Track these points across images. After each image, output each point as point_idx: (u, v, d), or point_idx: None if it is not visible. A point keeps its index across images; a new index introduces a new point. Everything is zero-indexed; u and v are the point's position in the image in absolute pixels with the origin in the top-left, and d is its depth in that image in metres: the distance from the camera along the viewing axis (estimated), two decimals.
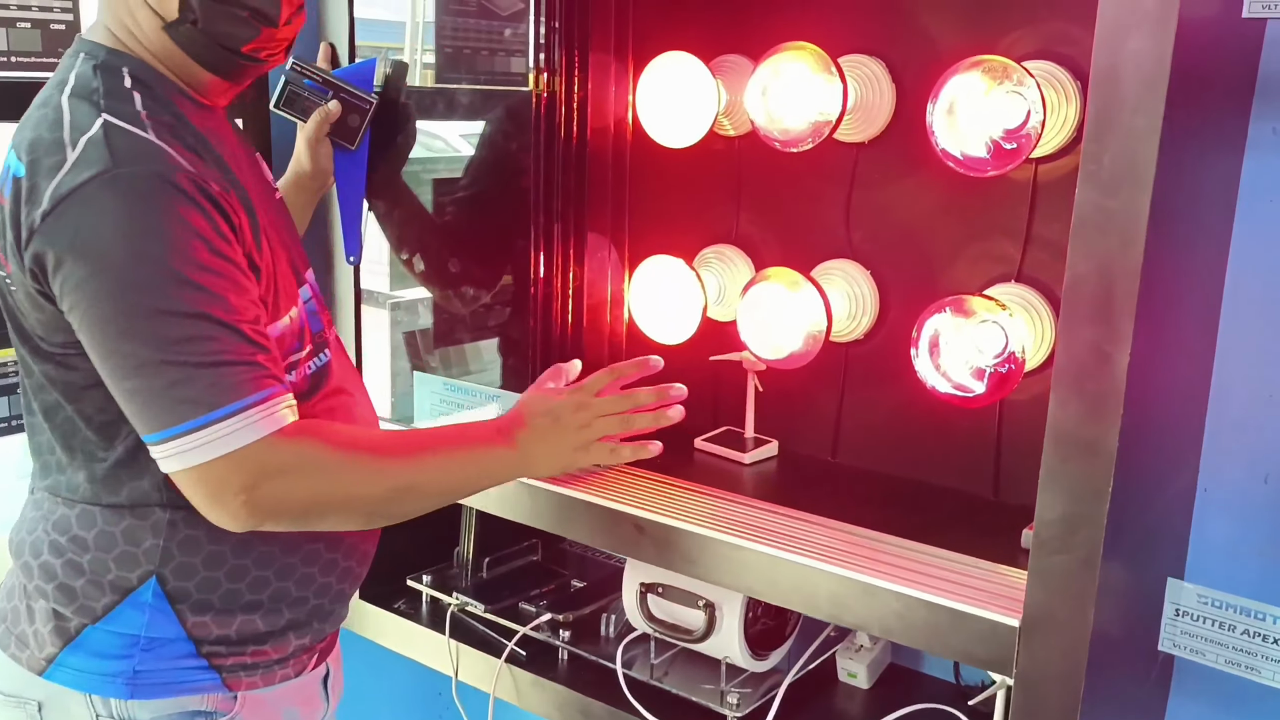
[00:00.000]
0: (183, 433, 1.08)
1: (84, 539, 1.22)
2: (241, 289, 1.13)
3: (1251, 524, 1.43)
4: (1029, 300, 1.54)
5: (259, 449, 1.10)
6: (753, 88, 1.58)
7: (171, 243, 1.08)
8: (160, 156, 1.10)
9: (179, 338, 1.07)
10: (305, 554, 1.29)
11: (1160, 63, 1.08)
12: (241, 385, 1.09)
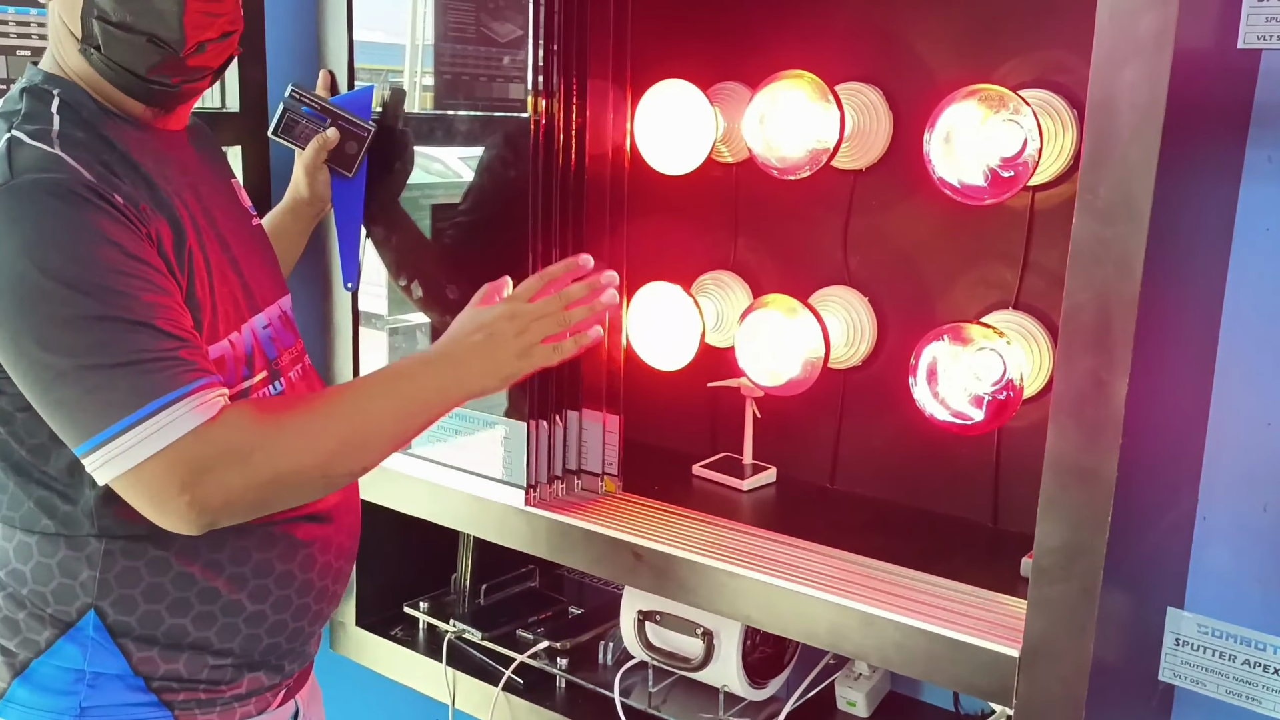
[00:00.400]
0: (110, 437, 1.04)
1: (21, 572, 1.20)
2: (157, 289, 1.10)
3: (1251, 552, 1.42)
4: (1026, 327, 1.54)
5: (190, 442, 1.05)
6: (750, 115, 1.58)
7: (74, 249, 1.06)
8: (59, 166, 1.09)
9: (93, 342, 1.05)
10: (253, 590, 1.25)
11: (1156, 94, 1.09)
12: (164, 381, 1.05)
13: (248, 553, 1.23)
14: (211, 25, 1.20)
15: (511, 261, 1.63)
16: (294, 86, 1.61)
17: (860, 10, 1.67)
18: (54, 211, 1.06)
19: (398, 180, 1.72)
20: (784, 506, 1.72)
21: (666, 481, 1.77)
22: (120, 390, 1.04)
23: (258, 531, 1.24)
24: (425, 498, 1.76)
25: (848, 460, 1.78)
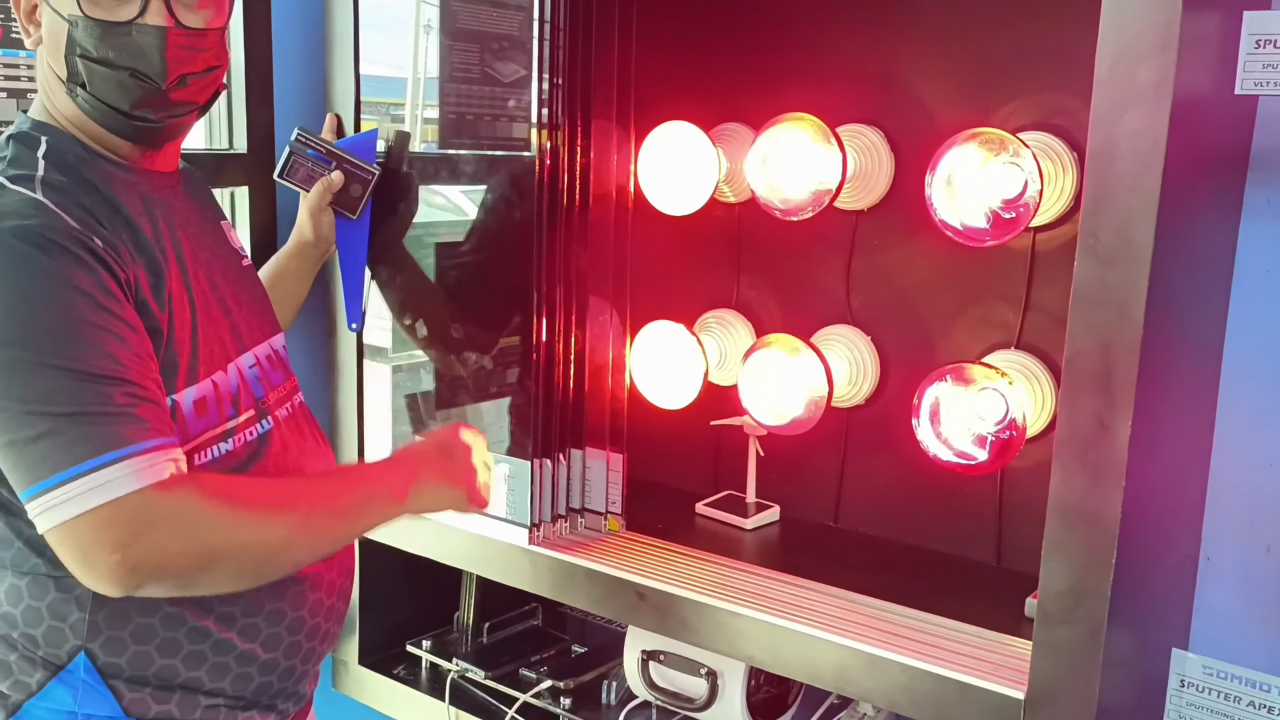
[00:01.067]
0: (50, 487, 1.03)
1: (12, 615, 1.19)
2: (125, 343, 1.10)
3: (1255, 593, 1.42)
4: (1029, 367, 1.54)
5: (134, 502, 1.03)
6: (753, 157, 1.60)
7: (43, 297, 1.06)
8: (39, 212, 1.09)
9: (48, 390, 1.04)
10: (243, 628, 1.24)
11: (1156, 141, 1.10)
12: (112, 437, 1.04)
13: (240, 592, 1.22)
14: (194, 59, 1.21)
15: (515, 301, 1.64)
16: (300, 130, 1.63)
17: (861, 53, 1.69)
18: (26, 258, 1.07)
19: (402, 221, 1.73)
20: (787, 545, 1.72)
21: (670, 519, 1.77)
22: (66, 441, 1.03)
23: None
24: (428, 536, 1.76)
25: (851, 499, 1.78)
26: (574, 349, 1.69)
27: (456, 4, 1.68)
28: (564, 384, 1.68)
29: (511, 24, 1.61)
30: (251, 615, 1.25)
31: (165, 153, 1.30)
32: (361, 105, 1.79)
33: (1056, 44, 1.48)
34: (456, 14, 1.68)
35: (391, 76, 1.79)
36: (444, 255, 1.77)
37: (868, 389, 1.71)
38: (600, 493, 1.72)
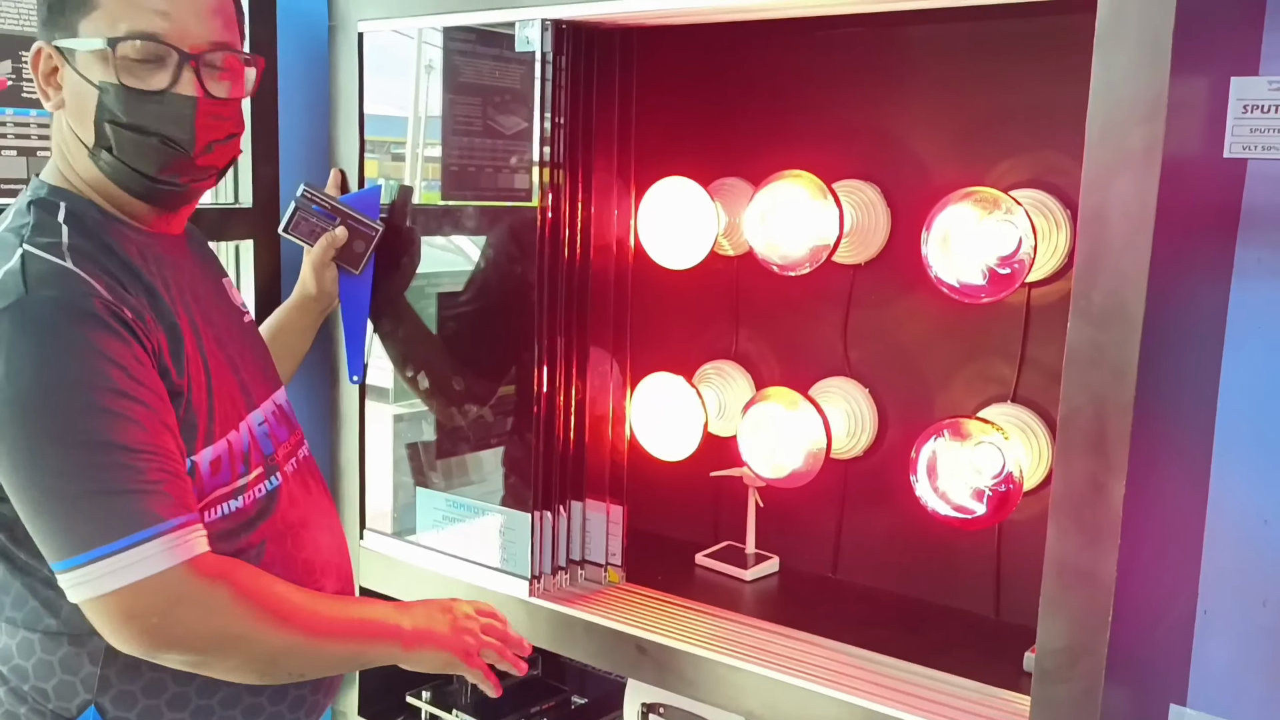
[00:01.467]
0: (87, 561, 1.07)
1: (24, 668, 1.21)
2: (154, 415, 1.13)
3: (1252, 648, 1.43)
4: (1025, 421, 1.56)
5: (165, 579, 1.09)
6: (751, 213, 1.62)
7: (82, 370, 1.09)
8: (73, 282, 1.12)
9: (86, 463, 1.08)
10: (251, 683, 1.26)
11: (1146, 204, 1.12)
12: (148, 514, 1.08)
13: (242, 682, 1.24)
14: (219, 127, 1.25)
15: (516, 352, 1.66)
16: (306, 185, 1.65)
17: (859, 110, 1.72)
18: (64, 330, 1.09)
19: (405, 274, 1.75)
20: (787, 597, 1.73)
21: (670, 570, 1.78)
22: (100, 516, 1.07)
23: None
24: (429, 586, 1.77)
25: (850, 550, 1.79)
26: (574, 400, 1.70)
27: (459, 58, 1.71)
28: (564, 435, 1.70)
29: (513, 77, 1.64)
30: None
31: (180, 216, 1.33)
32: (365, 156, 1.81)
33: (1049, 103, 1.51)
34: (459, 67, 1.71)
35: (393, 116, 1.81)
36: (446, 306, 1.78)
37: (866, 441, 1.72)
38: (600, 544, 1.72)
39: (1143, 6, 1.10)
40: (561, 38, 1.59)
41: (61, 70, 1.20)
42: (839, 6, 1.41)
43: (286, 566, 1.29)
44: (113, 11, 1.17)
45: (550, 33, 1.58)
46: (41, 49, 1.20)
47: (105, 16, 1.17)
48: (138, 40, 1.17)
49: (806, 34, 1.72)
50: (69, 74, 1.20)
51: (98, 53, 1.18)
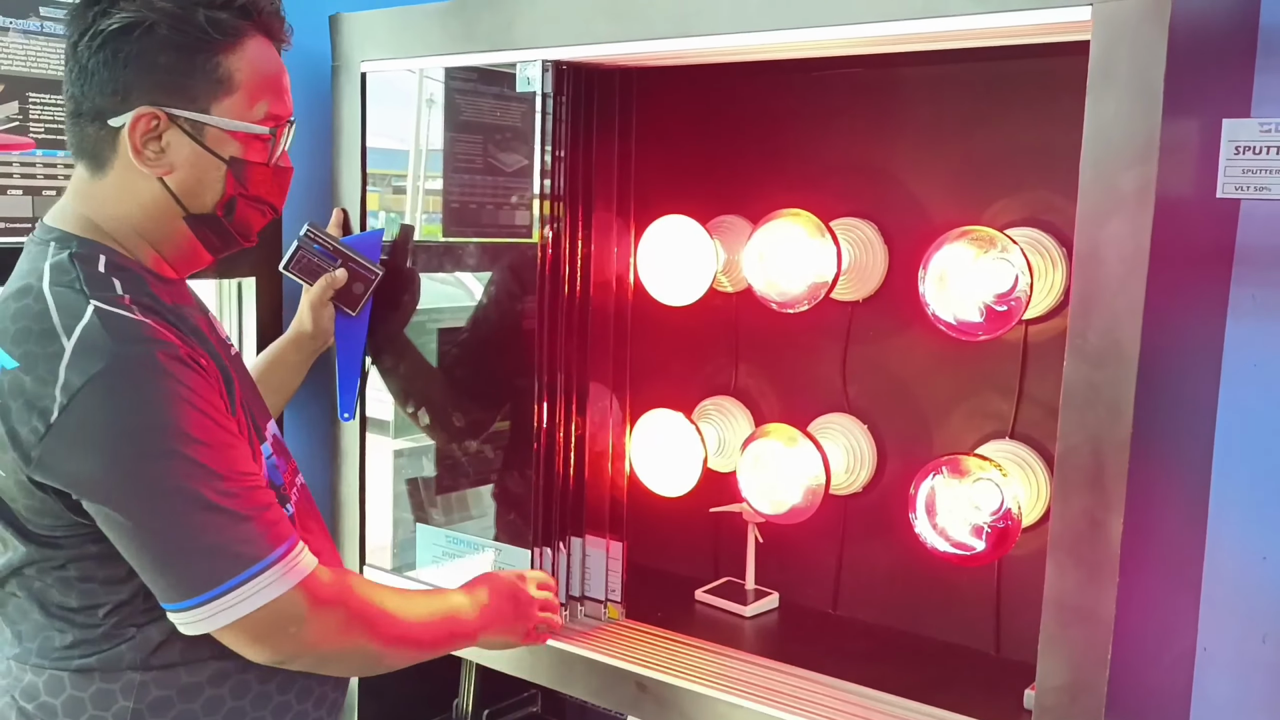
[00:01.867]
0: (210, 599, 1.13)
1: (52, 705, 1.21)
2: (243, 450, 1.19)
3: (1253, 684, 1.43)
4: (1023, 457, 1.56)
5: (286, 602, 1.17)
6: (750, 252, 1.63)
7: (180, 418, 1.13)
8: (154, 336, 1.15)
9: (199, 508, 1.12)
10: (275, 707, 1.29)
11: (1140, 244, 1.13)
12: (262, 543, 1.15)
13: (273, 670, 1.27)
14: None
15: (516, 388, 1.67)
16: (309, 225, 1.67)
17: (855, 149, 1.73)
18: (158, 382, 1.13)
19: (405, 312, 1.76)
20: (786, 633, 1.73)
21: (669, 606, 1.78)
22: (216, 556, 1.13)
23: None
24: None
25: (850, 586, 1.79)
26: (574, 436, 1.71)
27: (460, 96, 1.73)
28: (564, 471, 1.70)
29: (514, 116, 1.66)
30: (284, 693, 1.30)
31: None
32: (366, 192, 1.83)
33: (1044, 143, 1.53)
34: (460, 105, 1.73)
35: (394, 149, 1.83)
36: (446, 342, 1.79)
37: (865, 477, 1.73)
38: (600, 580, 1.72)
39: (1134, 49, 1.12)
40: (562, 78, 1.61)
41: (170, 138, 1.21)
42: (835, 48, 1.43)
43: None
44: (251, 94, 1.23)
45: (551, 73, 1.60)
46: (149, 114, 1.19)
47: (246, 98, 1.23)
48: (276, 124, 1.25)
49: (804, 74, 1.75)
50: (186, 144, 1.21)
51: (234, 131, 1.22)
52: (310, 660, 1.24)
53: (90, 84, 1.20)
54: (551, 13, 1.56)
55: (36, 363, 1.11)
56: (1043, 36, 1.28)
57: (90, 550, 1.17)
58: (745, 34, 1.39)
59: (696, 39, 1.44)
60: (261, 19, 1.24)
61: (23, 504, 1.16)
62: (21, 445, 1.12)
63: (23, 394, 1.11)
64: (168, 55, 1.19)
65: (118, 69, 1.19)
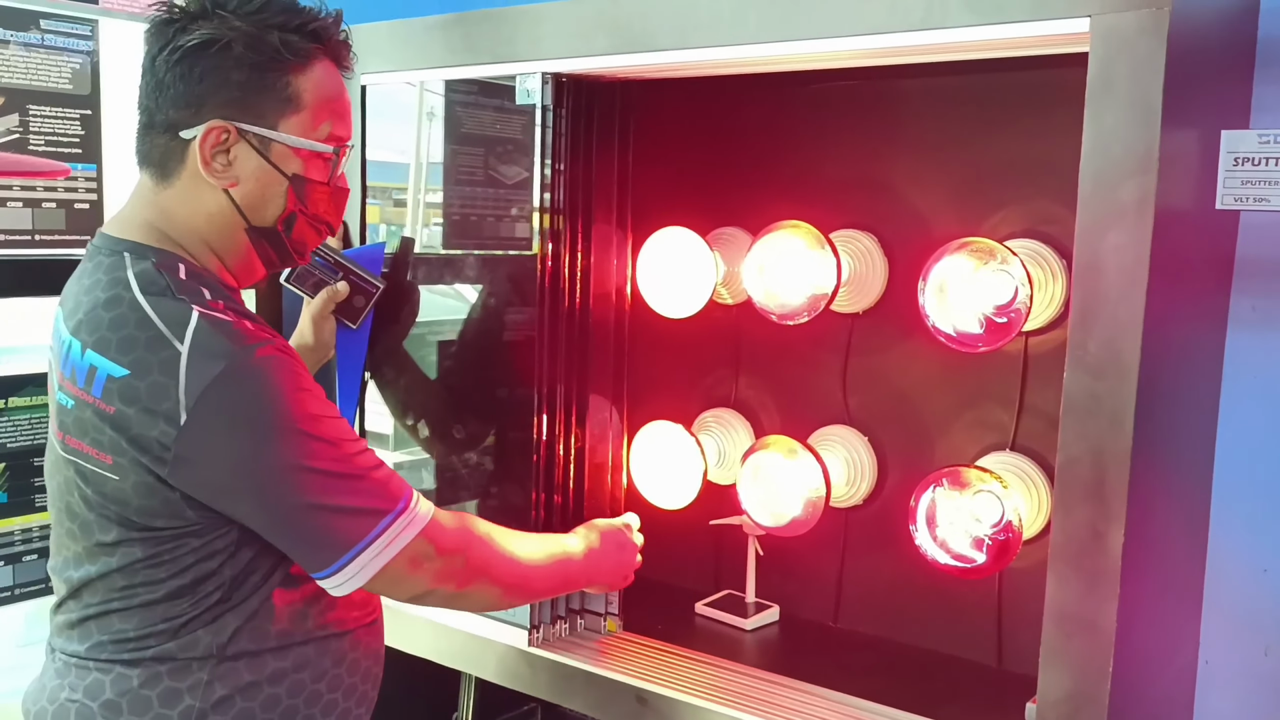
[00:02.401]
0: (351, 559, 1.21)
1: (117, 704, 1.24)
2: (345, 422, 1.27)
3: (1254, 697, 1.42)
4: (1024, 469, 1.56)
5: (416, 548, 1.25)
6: (750, 264, 1.63)
7: (295, 404, 1.20)
8: (258, 336, 1.21)
9: (326, 480, 1.20)
10: (325, 705, 1.34)
11: (1140, 255, 1.13)
12: (385, 495, 1.24)
13: (324, 668, 1.33)
14: None
15: (516, 400, 1.66)
16: None
17: (855, 161, 1.74)
18: (273, 374, 1.20)
19: (405, 325, 1.76)
20: (787, 646, 1.72)
21: (670, 619, 1.77)
22: (351, 520, 1.22)
23: (332, 646, 1.34)
24: (427, 636, 1.76)
25: (850, 599, 1.78)
26: (574, 449, 1.71)
27: (460, 109, 1.73)
28: (564, 483, 1.70)
29: (514, 128, 1.66)
30: (333, 691, 1.34)
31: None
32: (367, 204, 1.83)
33: (1043, 154, 1.53)
34: (460, 117, 1.74)
35: (395, 162, 1.83)
36: (446, 354, 1.79)
37: (866, 489, 1.72)
38: (599, 594, 1.72)
39: (1133, 61, 1.12)
40: (561, 90, 1.61)
41: (238, 151, 1.26)
42: (835, 60, 1.43)
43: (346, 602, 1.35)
44: (316, 114, 1.28)
45: (550, 86, 1.60)
46: (219, 127, 1.25)
47: (311, 118, 1.28)
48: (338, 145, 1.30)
49: (804, 87, 1.75)
50: (252, 158, 1.27)
51: (298, 148, 1.28)
52: (441, 598, 1.33)
53: (165, 97, 1.25)
54: (552, 25, 1.56)
55: (150, 369, 1.17)
56: (1041, 49, 1.28)
57: (191, 545, 1.23)
58: (745, 46, 1.40)
59: (696, 51, 1.44)
60: (331, 44, 1.31)
61: (136, 505, 1.21)
62: (153, 450, 1.17)
63: (139, 400, 1.17)
64: (241, 72, 1.24)
65: (193, 83, 1.24)
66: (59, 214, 1.65)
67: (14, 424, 1.71)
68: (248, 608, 1.26)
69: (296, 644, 1.30)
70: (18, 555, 1.71)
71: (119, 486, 1.20)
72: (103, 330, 1.21)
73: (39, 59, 1.63)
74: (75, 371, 1.22)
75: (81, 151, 1.71)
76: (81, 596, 1.28)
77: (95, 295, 1.24)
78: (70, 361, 1.23)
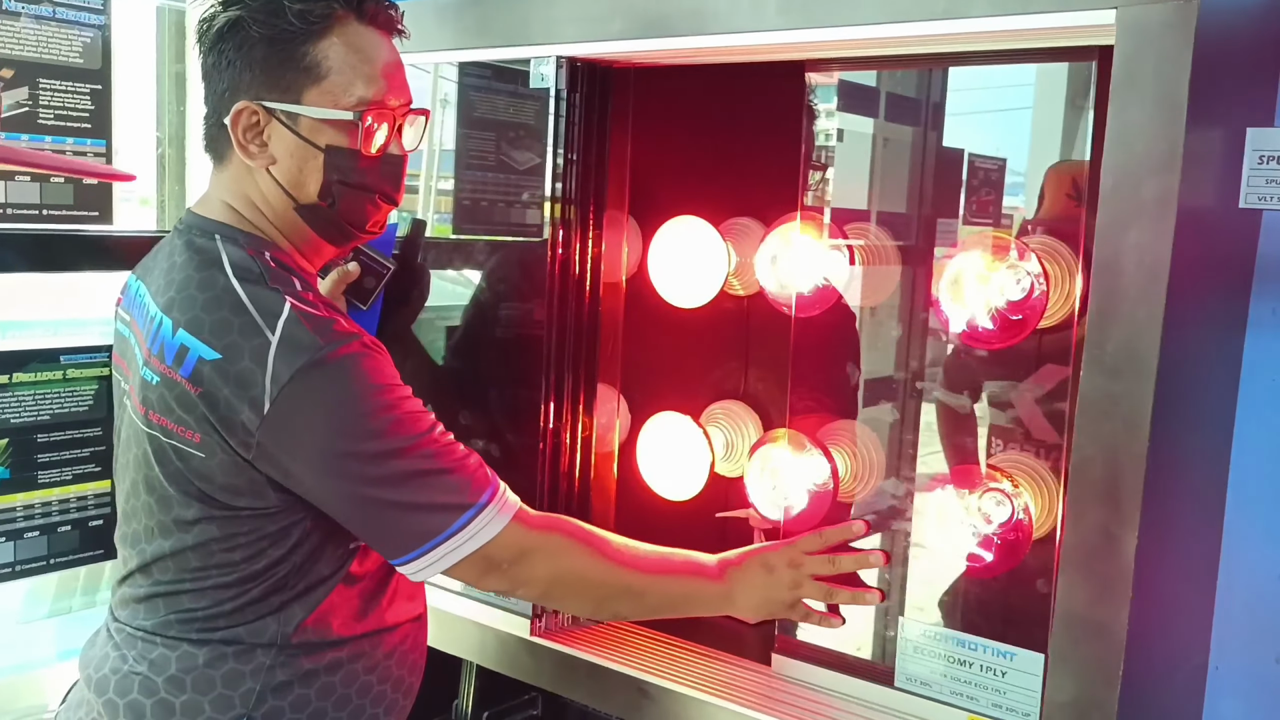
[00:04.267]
0: (435, 546, 1.22)
1: (182, 680, 1.26)
2: (429, 415, 1.26)
3: (1264, 705, 1.41)
4: (1035, 469, 1.54)
5: (506, 537, 1.25)
6: (763, 255, 1.61)
7: (379, 398, 1.21)
8: (345, 330, 1.23)
9: (414, 470, 1.21)
10: (375, 696, 1.36)
11: (1160, 255, 1.11)
12: (474, 489, 1.24)
13: (376, 660, 1.35)
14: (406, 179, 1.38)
15: (524, 388, 1.65)
16: None
17: None
18: (359, 369, 1.21)
19: (414, 308, 1.75)
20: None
21: None
22: (439, 507, 1.22)
23: (385, 639, 1.36)
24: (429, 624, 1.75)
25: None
26: (580, 438, 1.69)
27: (473, 93, 1.72)
28: (569, 472, 1.69)
29: (527, 113, 1.64)
30: (382, 684, 1.36)
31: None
32: None
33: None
34: (473, 101, 1.72)
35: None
36: (454, 340, 1.78)
37: (874, 485, 1.70)
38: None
39: (1158, 57, 1.10)
40: (576, 75, 1.60)
41: (271, 130, 1.26)
42: (855, 48, 1.41)
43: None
44: (344, 81, 1.26)
45: (565, 70, 1.58)
46: (246, 108, 1.25)
47: (336, 85, 1.25)
48: (372, 110, 1.27)
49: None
50: (284, 135, 1.26)
51: (325, 119, 1.25)
52: (538, 589, 1.33)
53: (210, 87, 1.28)
54: (567, 9, 1.54)
55: (241, 354, 1.18)
56: (1065, 40, 1.26)
57: (268, 529, 1.24)
58: (763, 33, 1.38)
59: (712, 37, 1.42)
60: (358, 4, 1.27)
61: (221, 482, 1.22)
62: (239, 433, 1.19)
63: (229, 383, 1.18)
64: (260, 49, 1.24)
65: (224, 69, 1.26)
66: (67, 189, 1.63)
67: (18, 399, 1.70)
68: (314, 598, 1.28)
69: (355, 636, 1.32)
70: (19, 531, 1.70)
71: (205, 463, 1.22)
72: (196, 311, 1.22)
73: (50, 32, 1.62)
74: (165, 349, 1.23)
75: (91, 126, 1.70)
76: (152, 572, 1.29)
77: (188, 274, 1.25)
78: (160, 338, 1.24)
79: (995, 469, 1.47)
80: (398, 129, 1.32)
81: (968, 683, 1.41)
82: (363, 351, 1.22)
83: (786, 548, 1.45)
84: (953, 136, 1.52)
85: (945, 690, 1.43)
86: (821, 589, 1.43)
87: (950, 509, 1.47)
